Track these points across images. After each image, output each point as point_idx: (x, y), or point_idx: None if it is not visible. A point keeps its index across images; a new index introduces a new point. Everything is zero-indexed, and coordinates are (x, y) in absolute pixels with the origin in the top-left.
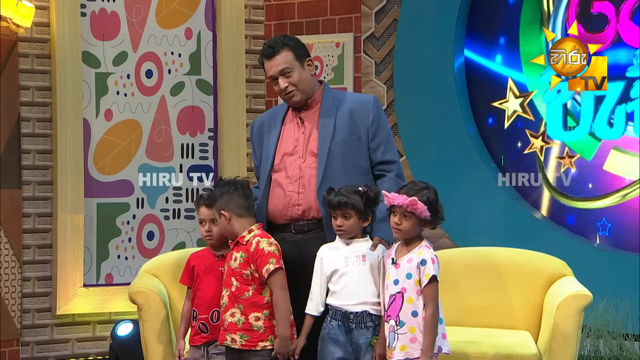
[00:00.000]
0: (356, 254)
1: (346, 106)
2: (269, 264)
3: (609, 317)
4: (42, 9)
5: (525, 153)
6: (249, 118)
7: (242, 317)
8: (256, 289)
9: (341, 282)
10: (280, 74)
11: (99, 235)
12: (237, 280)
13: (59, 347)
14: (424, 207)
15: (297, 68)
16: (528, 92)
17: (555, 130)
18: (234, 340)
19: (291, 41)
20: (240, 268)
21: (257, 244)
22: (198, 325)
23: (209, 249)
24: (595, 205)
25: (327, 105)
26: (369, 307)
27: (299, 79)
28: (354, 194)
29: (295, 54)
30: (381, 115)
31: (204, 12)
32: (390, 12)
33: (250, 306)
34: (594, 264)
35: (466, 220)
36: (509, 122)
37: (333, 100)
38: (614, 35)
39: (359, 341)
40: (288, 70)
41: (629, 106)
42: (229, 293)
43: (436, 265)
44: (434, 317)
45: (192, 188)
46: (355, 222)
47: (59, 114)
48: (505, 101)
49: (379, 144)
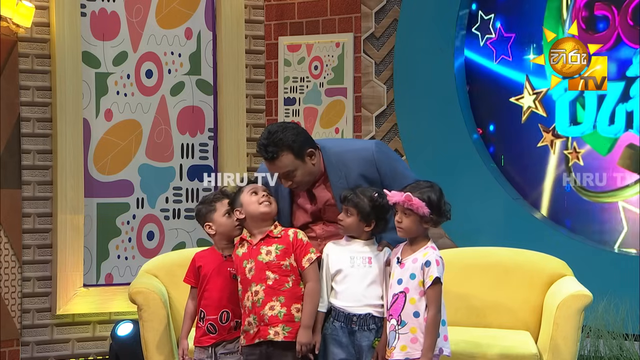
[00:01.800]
0: (362, 256)
1: (354, 170)
2: (310, 253)
3: (609, 317)
4: (42, 9)
5: (538, 146)
6: (249, 118)
7: (284, 309)
8: (295, 280)
9: (345, 282)
10: (284, 177)
11: (99, 235)
12: (274, 273)
13: (59, 347)
14: (421, 204)
15: (300, 167)
16: (541, 89)
17: (563, 126)
18: (277, 333)
19: (290, 139)
20: (277, 260)
21: (294, 234)
22: (206, 326)
23: (214, 249)
24: None
25: (335, 176)
26: (372, 309)
27: (302, 176)
28: (363, 196)
29: (295, 154)
30: (388, 160)
31: (204, 12)
32: (390, 12)
33: (292, 297)
34: (594, 264)
35: (466, 220)
36: (525, 117)
37: (337, 168)
38: (614, 35)
39: (362, 343)
40: (291, 172)
41: (628, 105)
42: (264, 288)
43: (440, 267)
44: (435, 319)
45: (192, 188)
46: (355, 222)
47: (59, 114)
48: (521, 97)
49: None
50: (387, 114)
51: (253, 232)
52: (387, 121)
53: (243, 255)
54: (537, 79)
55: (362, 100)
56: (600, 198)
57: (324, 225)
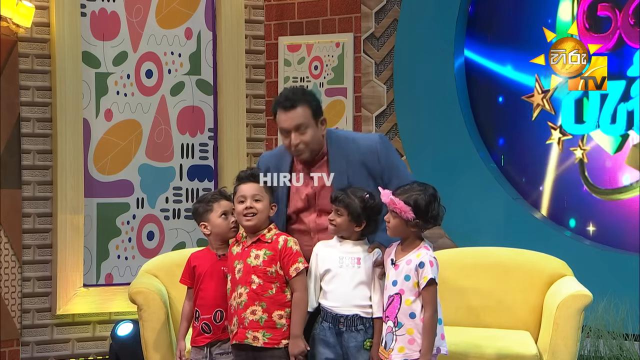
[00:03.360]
0: (351, 256)
1: (355, 156)
2: (298, 262)
3: (609, 317)
4: (42, 9)
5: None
6: (249, 118)
7: (265, 314)
8: (279, 287)
9: (333, 283)
10: (295, 129)
11: (99, 235)
12: (259, 278)
13: (59, 347)
14: (406, 208)
15: (312, 126)
16: (549, 89)
17: (568, 124)
18: (256, 338)
19: (310, 97)
20: (264, 265)
21: (284, 242)
22: (201, 325)
23: (209, 248)
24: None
25: (335, 158)
26: (359, 310)
27: (311, 137)
28: (354, 197)
29: (313, 112)
30: (390, 153)
31: (204, 12)
32: (390, 12)
33: (274, 304)
34: (594, 264)
35: (466, 220)
36: (535, 115)
37: (339, 151)
38: (614, 35)
39: (349, 344)
40: (303, 127)
41: (629, 105)
42: (248, 291)
43: (435, 268)
44: (432, 320)
45: (192, 188)
46: (345, 222)
47: (59, 114)
48: (531, 96)
49: (391, 177)
50: (387, 114)
51: (248, 234)
52: (387, 121)
53: (236, 254)
54: (542, 79)
55: (362, 100)
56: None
57: (316, 216)
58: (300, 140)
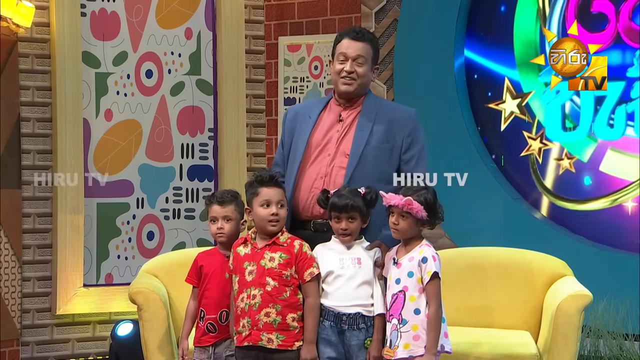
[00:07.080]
0: (352, 257)
1: (386, 113)
2: (313, 267)
3: (609, 317)
4: (42, 9)
5: (521, 155)
6: (248, 118)
7: (279, 317)
8: (293, 290)
9: (335, 283)
10: (355, 59)
11: (99, 235)
12: (274, 280)
13: (59, 347)
14: (420, 207)
15: (368, 64)
16: (525, 93)
17: (553, 131)
18: (271, 340)
19: (376, 43)
20: (279, 269)
21: (300, 247)
22: (206, 325)
23: (217, 248)
24: (592, 207)
25: (369, 108)
26: (362, 309)
27: (364, 73)
28: (356, 196)
29: (374, 54)
30: (419, 129)
31: (204, 12)
32: (390, 12)
33: (288, 307)
34: (594, 264)
35: (466, 220)
36: (505, 124)
37: (374, 105)
38: (614, 35)
39: (351, 342)
40: (362, 60)
41: (629, 106)
42: (262, 292)
43: (437, 263)
44: (437, 314)
45: (192, 188)
46: (359, 225)
47: (59, 114)
48: (501, 102)
49: (412, 157)
50: None
51: (260, 236)
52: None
53: (245, 256)
54: (535, 80)
55: None
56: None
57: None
58: (355, 70)
